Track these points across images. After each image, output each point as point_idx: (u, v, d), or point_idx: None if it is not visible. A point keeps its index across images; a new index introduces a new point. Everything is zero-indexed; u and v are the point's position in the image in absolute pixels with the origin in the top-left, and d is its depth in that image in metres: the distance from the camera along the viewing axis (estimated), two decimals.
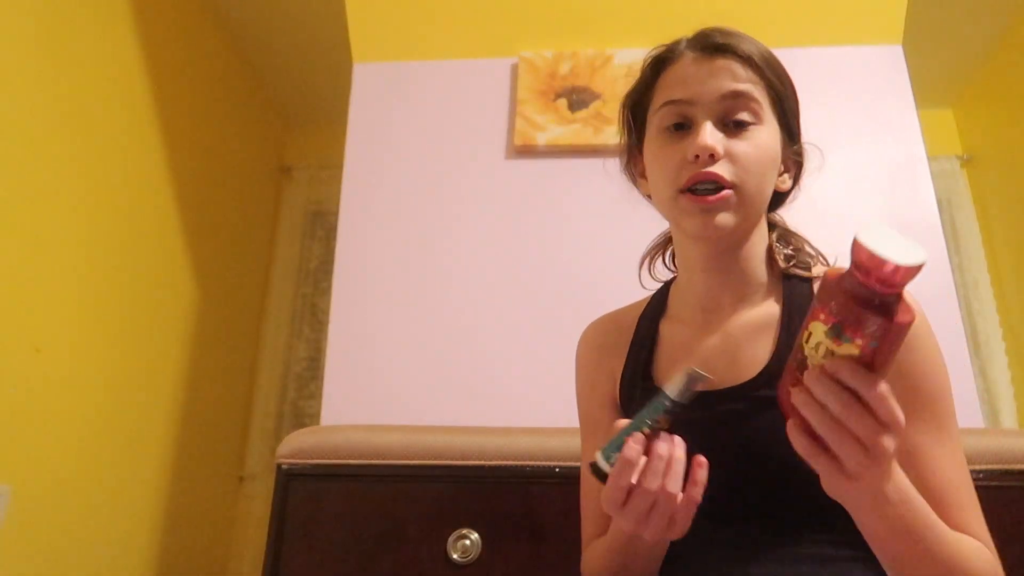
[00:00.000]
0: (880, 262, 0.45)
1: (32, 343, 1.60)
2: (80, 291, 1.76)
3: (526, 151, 1.80)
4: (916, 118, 1.75)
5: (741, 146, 0.70)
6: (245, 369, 2.66)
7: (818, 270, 0.77)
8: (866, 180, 1.71)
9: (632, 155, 0.84)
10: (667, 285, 0.88)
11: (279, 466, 1.22)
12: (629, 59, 1.84)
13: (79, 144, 1.78)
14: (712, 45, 0.74)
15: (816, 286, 0.74)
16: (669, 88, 0.75)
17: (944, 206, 2.64)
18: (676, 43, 0.78)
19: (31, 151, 1.63)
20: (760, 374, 0.70)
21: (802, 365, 0.53)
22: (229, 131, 2.57)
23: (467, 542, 1.12)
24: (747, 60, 0.72)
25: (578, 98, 1.81)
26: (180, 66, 2.25)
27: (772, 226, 0.82)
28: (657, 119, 0.75)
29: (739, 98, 0.71)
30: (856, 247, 0.47)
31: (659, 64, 0.78)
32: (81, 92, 1.79)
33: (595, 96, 1.81)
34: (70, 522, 1.67)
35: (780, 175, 0.77)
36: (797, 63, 1.77)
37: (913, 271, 0.45)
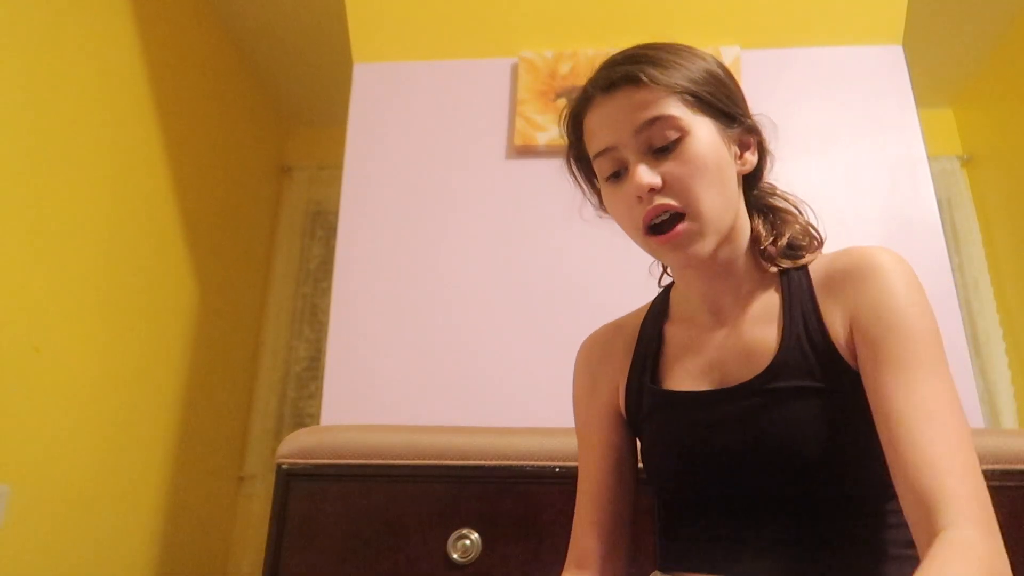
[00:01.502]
0: None
1: (32, 343, 1.60)
2: (80, 291, 1.76)
3: (526, 151, 1.80)
4: (916, 118, 1.75)
5: (674, 168, 0.70)
6: (245, 369, 2.66)
7: (812, 257, 0.76)
8: (866, 180, 1.71)
9: (600, 198, 0.85)
10: (667, 289, 0.88)
11: (279, 466, 1.22)
12: None
13: (79, 145, 1.78)
14: (610, 80, 0.73)
15: (811, 271, 0.74)
16: (592, 138, 0.76)
17: (944, 206, 2.64)
18: (584, 89, 0.77)
19: (30, 151, 1.63)
20: (769, 367, 0.70)
21: None
22: (229, 131, 2.57)
23: (467, 542, 1.12)
24: (647, 81, 0.70)
25: None
26: (180, 66, 2.25)
27: (761, 209, 0.81)
28: (598, 169, 0.76)
29: (653, 125, 0.70)
30: None
31: (577, 117, 0.78)
32: (81, 92, 1.79)
33: None
34: (70, 522, 1.67)
35: (738, 158, 0.76)
36: (797, 63, 1.79)
37: None
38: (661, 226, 0.71)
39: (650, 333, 0.84)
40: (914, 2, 1.82)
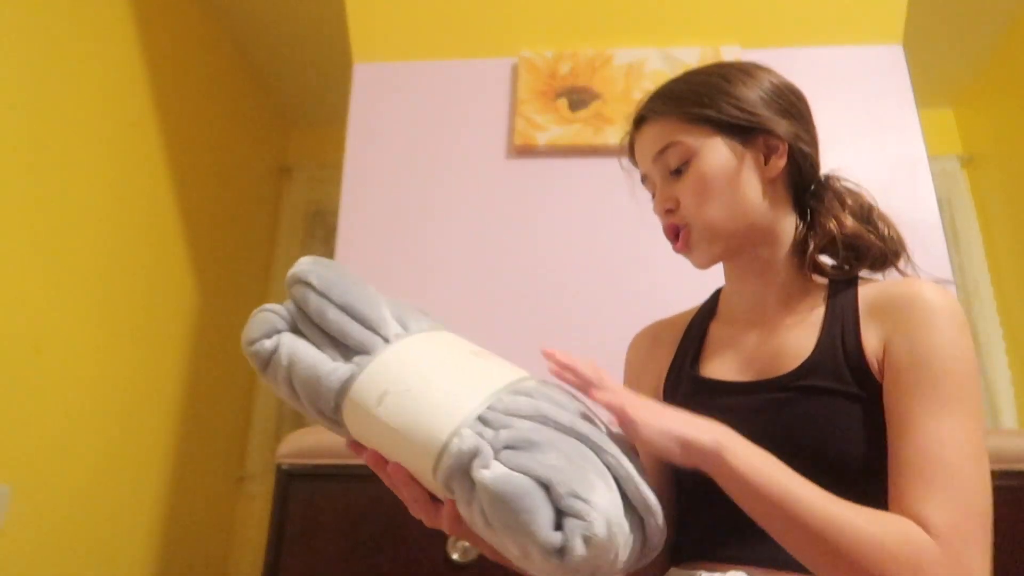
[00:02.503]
0: None
1: (32, 343, 1.60)
2: (80, 291, 1.76)
3: (526, 151, 1.80)
4: (916, 118, 1.75)
5: (682, 189, 0.81)
6: (245, 369, 2.66)
7: (867, 277, 0.79)
8: (866, 180, 1.69)
9: None
10: (718, 291, 0.94)
11: (279, 466, 1.22)
12: (629, 59, 1.84)
13: (79, 145, 1.78)
14: (634, 119, 0.87)
15: (859, 288, 0.77)
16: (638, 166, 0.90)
17: (944, 206, 2.63)
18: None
19: (31, 151, 1.63)
20: (800, 366, 0.74)
21: None
22: (229, 131, 2.57)
23: (467, 542, 1.12)
24: (656, 117, 0.82)
25: (578, 98, 1.81)
26: (180, 66, 2.25)
27: (807, 211, 0.85)
28: (647, 189, 0.90)
29: (663, 153, 0.81)
30: None
31: (630, 148, 0.91)
32: (81, 92, 1.79)
33: (595, 96, 1.81)
34: (70, 522, 1.67)
35: (765, 164, 0.80)
36: (797, 63, 1.78)
37: None
38: (677, 234, 0.83)
39: (696, 329, 0.91)
40: (914, 2, 1.82)
